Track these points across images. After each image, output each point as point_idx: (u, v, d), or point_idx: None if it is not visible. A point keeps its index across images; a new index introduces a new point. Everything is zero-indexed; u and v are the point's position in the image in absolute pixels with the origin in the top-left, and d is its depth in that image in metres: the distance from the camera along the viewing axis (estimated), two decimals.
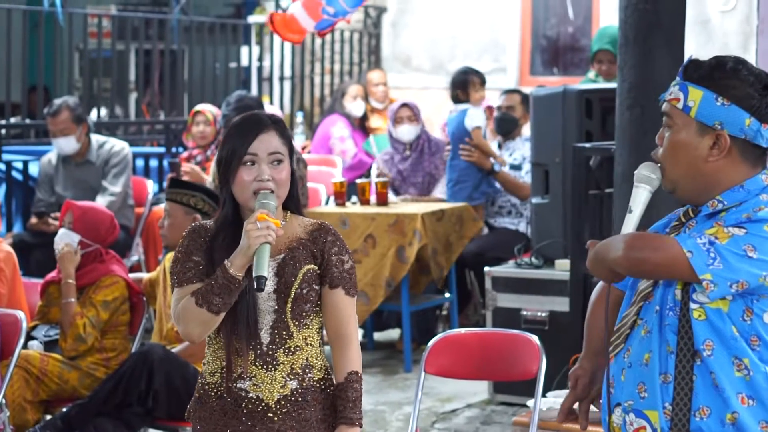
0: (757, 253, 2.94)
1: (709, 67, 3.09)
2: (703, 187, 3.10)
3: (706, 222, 3.09)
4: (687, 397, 3.01)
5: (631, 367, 3.10)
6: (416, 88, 12.60)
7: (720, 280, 2.94)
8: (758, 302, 3.00)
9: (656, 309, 3.08)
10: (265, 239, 3.42)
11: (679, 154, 3.10)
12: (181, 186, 5.82)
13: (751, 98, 3.05)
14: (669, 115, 3.12)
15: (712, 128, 3.06)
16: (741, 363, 3.00)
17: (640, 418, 3.07)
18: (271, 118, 3.61)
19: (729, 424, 3.00)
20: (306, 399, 3.57)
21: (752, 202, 3.05)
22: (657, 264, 2.98)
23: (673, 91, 3.12)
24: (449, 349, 5.03)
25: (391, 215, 7.89)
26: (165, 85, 11.12)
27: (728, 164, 3.08)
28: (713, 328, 3.00)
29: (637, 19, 5.82)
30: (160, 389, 5.45)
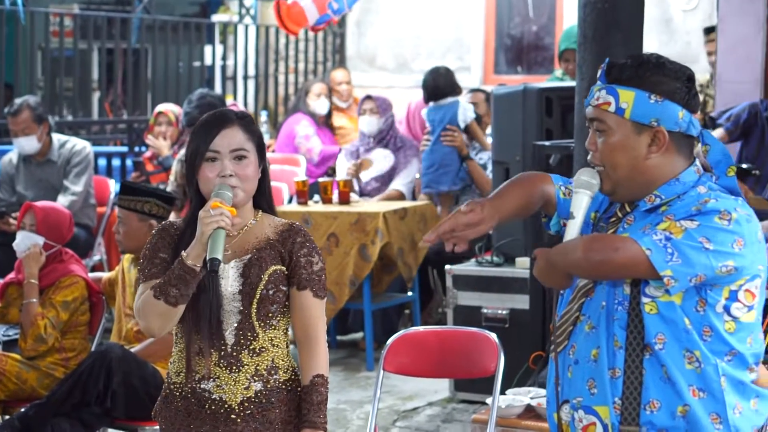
0: (712, 244, 2.96)
1: (634, 66, 3.10)
2: (643, 185, 3.12)
3: (646, 217, 3.10)
4: (637, 391, 3.03)
5: (578, 363, 3.11)
6: (381, 87, 12.60)
7: (680, 275, 2.96)
8: (711, 292, 3.02)
9: (602, 305, 3.09)
10: (218, 224, 3.40)
11: (619, 156, 3.11)
12: (133, 192, 5.80)
13: (679, 91, 3.10)
14: (600, 119, 3.12)
15: (649, 126, 3.09)
16: (692, 356, 3.02)
17: (589, 414, 3.09)
18: (237, 114, 3.60)
19: (680, 416, 3.02)
20: (270, 401, 3.56)
21: (693, 194, 3.08)
22: (618, 265, 2.99)
23: (600, 95, 3.12)
24: (408, 348, 5.03)
25: (353, 214, 7.90)
26: (128, 84, 11.08)
27: (666, 159, 3.11)
28: (665, 322, 3.02)
29: (596, 17, 5.84)
30: (118, 389, 5.43)
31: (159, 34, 11.13)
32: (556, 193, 3.31)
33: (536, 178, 3.32)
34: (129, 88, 11.09)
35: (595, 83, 3.21)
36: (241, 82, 12.20)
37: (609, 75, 3.12)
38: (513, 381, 5.85)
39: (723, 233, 2.98)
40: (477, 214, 3.18)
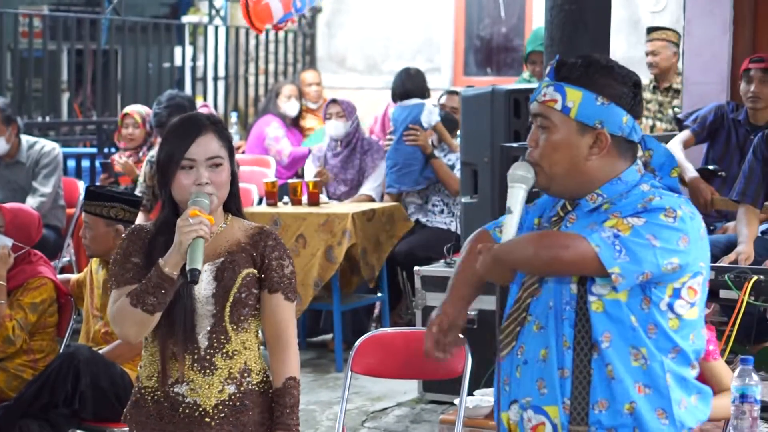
0: (658, 241, 2.98)
1: (583, 66, 3.11)
2: (580, 184, 3.13)
3: (589, 216, 3.12)
4: (585, 391, 3.04)
5: (527, 363, 3.12)
6: (351, 88, 12.62)
7: (628, 272, 2.97)
8: (655, 289, 3.03)
9: (549, 305, 3.10)
10: (197, 233, 3.40)
11: (559, 154, 3.11)
12: (99, 197, 5.79)
13: (625, 96, 3.11)
14: (545, 116, 3.12)
15: (593, 127, 3.10)
16: (638, 352, 3.04)
17: (539, 414, 3.10)
18: (210, 119, 3.59)
19: (627, 413, 3.04)
20: (244, 403, 3.57)
21: (637, 192, 3.10)
22: (568, 262, 2.99)
23: (547, 92, 3.12)
24: (376, 349, 5.04)
25: (322, 215, 7.90)
26: (97, 85, 11.05)
27: (607, 161, 3.12)
28: (612, 320, 3.04)
29: (563, 19, 5.88)
30: (87, 390, 5.42)
31: (129, 35, 11.10)
32: (493, 238, 3.32)
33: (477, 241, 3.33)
34: (98, 89, 11.07)
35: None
36: (211, 83, 12.18)
37: (558, 73, 3.13)
38: (481, 382, 5.87)
39: (669, 230, 3.00)
40: (447, 321, 3.26)
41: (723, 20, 8.06)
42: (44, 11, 11.49)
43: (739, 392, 3.73)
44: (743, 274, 5.48)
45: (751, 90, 7.09)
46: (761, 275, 5.48)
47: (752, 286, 5.43)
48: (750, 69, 7.11)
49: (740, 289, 5.43)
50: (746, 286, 5.41)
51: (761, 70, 7.07)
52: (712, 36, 8.03)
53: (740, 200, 6.18)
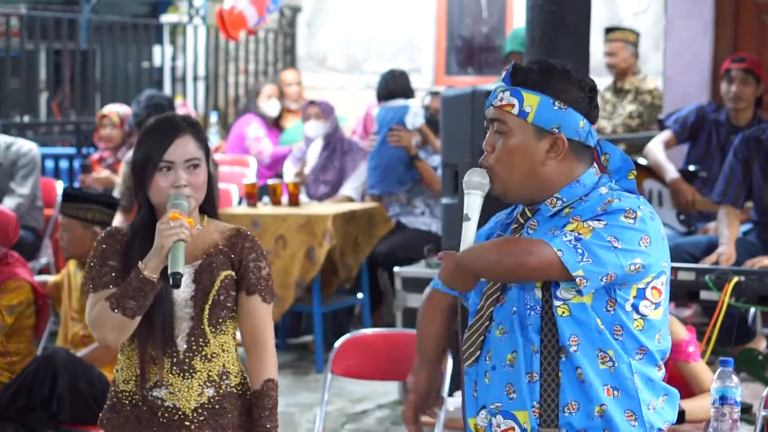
0: (620, 242, 2.98)
1: (540, 71, 3.11)
2: (538, 189, 3.12)
3: (550, 221, 3.11)
4: (554, 394, 3.05)
5: (495, 369, 3.11)
6: (332, 88, 12.59)
7: (591, 275, 2.97)
8: (620, 291, 3.04)
9: (513, 310, 3.10)
10: (178, 236, 3.39)
11: (516, 159, 3.10)
12: (76, 200, 5.75)
13: (582, 101, 3.11)
14: (502, 120, 3.11)
15: (550, 132, 3.09)
16: (606, 355, 3.04)
17: (508, 419, 3.09)
18: (187, 121, 3.58)
19: (597, 416, 3.05)
20: (223, 406, 3.56)
21: (596, 195, 3.10)
22: (533, 268, 2.98)
23: (503, 97, 3.11)
24: (356, 350, 5.04)
25: (302, 216, 7.88)
26: (76, 85, 11.00)
27: (564, 165, 3.12)
28: (578, 323, 3.04)
29: (543, 20, 5.86)
30: (64, 393, 5.39)
31: (107, 34, 11.05)
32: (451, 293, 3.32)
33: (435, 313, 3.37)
34: (77, 89, 11.01)
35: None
36: (191, 83, 12.14)
37: (514, 78, 3.12)
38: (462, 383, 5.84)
39: (630, 231, 3.00)
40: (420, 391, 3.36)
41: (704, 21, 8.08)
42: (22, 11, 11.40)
43: (719, 394, 3.72)
44: (724, 276, 5.49)
45: (732, 90, 7.10)
46: (742, 276, 5.48)
47: (733, 287, 5.43)
48: (731, 69, 7.11)
49: (721, 290, 5.43)
50: (727, 288, 5.42)
51: (742, 70, 7.07)
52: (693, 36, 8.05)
53: (721, 201, 6.18)
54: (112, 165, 8.85)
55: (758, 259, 5.75)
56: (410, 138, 8.54)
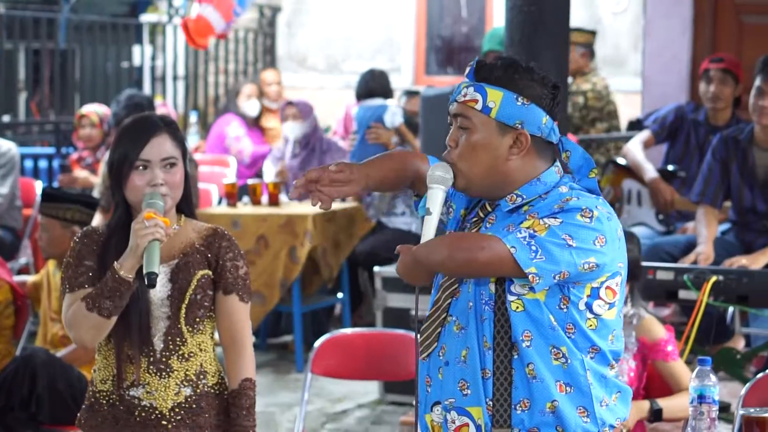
0: (575, 241, 2.99)
1: (504, 67, 3.11)
2: (499, 184, 3.12)
3: (508, 217, 3.12)
4: (507, 392, 3.05)
5: (448, 365, 3.11)
6: (312, 88, 12.60)
7: (544, 272, 2.97)
8: (574, 289, 3.04)
9: (469, 305, 3.09)
10: (153, 236, 3.39)
11: (480, 154, 3.10)
12: (55, 199, 5.73)
13: (545, 97, 3.12)
14: (465, 116, 3.11)
15: (513, 128, 3.09)
16: (558, 351, 3.05)
17: (462, 416, 3.09)
18: (163, 120, 3.58)
19: (549, 412, 3.05)
20: (200, 405, 3.56)
21: (555, 194, 3.10)
22: (484, 263, 2.99)
23: (467, 92, 3.10)
24: (336, 350, 5.04)
25: (282, 216, 7.88)
26: (55, 84, 10.97)
27: (526, 161, 3.12)
28: (531, 319, 3.04)
29: (522, 20, 5.87)
30: (43, 393, 5.38)
31: (87, 34, 11.02)
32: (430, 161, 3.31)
33: (411, 154, 3.35)
34: (56, 89, 10.98)
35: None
36: (171, 82, 12.12)
37: (478, 73, 3.12)
38: None
39: (585, 230, 3.01)
40: (345, 174, 3.19)
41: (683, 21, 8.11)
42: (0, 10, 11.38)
43: (698, 393, 3.73)
44: (702, 275, 5.50)
45: (711, 90, 7.12)
46: (720, 276, 5.50)
47: (711, 286, 5.45)
48: (710, 69, 7.13)
49: (699, 289, 5.45)
50: (705, 287, 5.43)
51: (721, 70, 7.10)
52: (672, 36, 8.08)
53: (699, 201, 6.20)
54: (92, 165, 8.83)
55: (736, 259, 5.77)
56: (389, 136, 8.55)
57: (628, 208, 7.26)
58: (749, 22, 8.17)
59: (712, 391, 3.72)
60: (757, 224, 6.13)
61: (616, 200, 7.36)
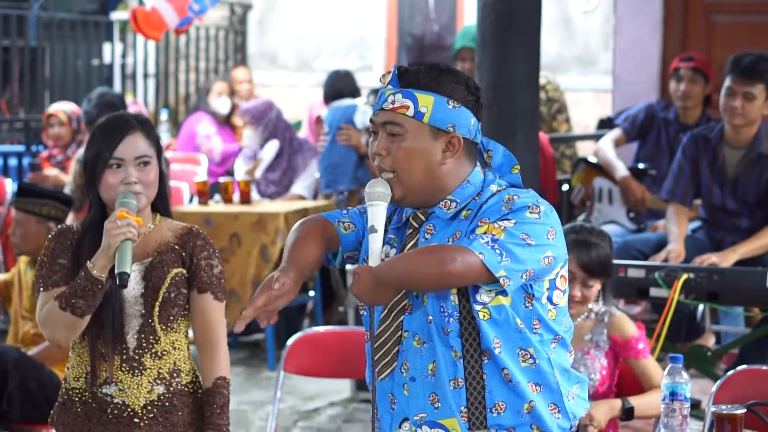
0: (532, 239, 3.01)
1: (429, 71, 3.11)
2: (434, 190, 3.12)
3: (449, 224, 3.11)
4: (481, 396, 3.06)
5: (414, 380, 3.09)
6: (282, 86, 12.58)
7: (512, 273, 2.98)
8: (536, 285, 3.07)
9: (428, 319, 3.07)
10: (125, 236, 3.40)
11: (415, 161, 3.10)
12: (31, 194, 5.71)
13: (470, 100, 3.13)
14: (396, 123, 3.10)
15: (445, 131, 3.10)
16: (526, 353, 3.07)
17: (435, 429, 3.08)
18: (137, 119, 3.59)
19: (525, 413, 3.08)
20: (173, 403, 3.57)
21: (489, 194, 3.10)
22: (458, 273, 2.97)
23: (395, 99, 3.10)
24: (309, 348, 5.03)
25: (254, 214, 7.87)
26: (25, 82, 10.92)
27: (458, 164, 3.13)
28: (498, 325, 3.05)
29: (494, 19, 5.89)
30: (14, 392, 5.35)
31: (57, 31, 10.98)
32: (337, 231, 3.24)
33: (318, 225, 3.24)
34: (26, 87, 10.93)
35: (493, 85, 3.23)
36: (141, 80, 12.09)
37: (403, 79, 3.11)
38: None
39: (537, 226, 3.03)
40: (287, 285, 3.08)
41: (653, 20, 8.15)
42: None
43: (669, 390, 3.75)
44: (674, 273, 5.53)
45: (681, 89, 7.16)
46: (691, 273, 5.53)
47: (682, 284, 5.48)
48: (680, 68, 7.17)
49: (670, 287, 5.48)
50: (676, 284, 5.46)
51: (691, 69, 7.13)
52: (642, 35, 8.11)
53: (669, 199, 6.22)
54: (62, 162, 8.79)
55: (707, 256, 5.80)
56: (359, 137, 8.55)
57: (599, 206, 7.29)
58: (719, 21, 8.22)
59: (684, 388, 3.74)
60: (727, 222, 6.16)
61: (587, 198, 7.39)
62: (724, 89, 5.98)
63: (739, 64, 5.92)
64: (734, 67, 5.94)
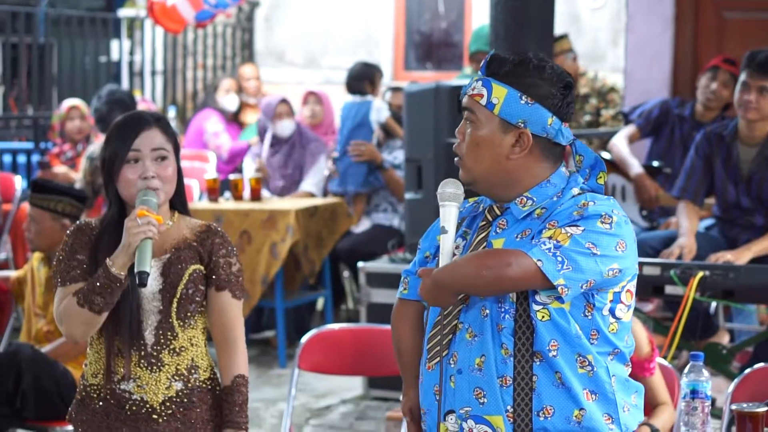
0: (598, 249, 2.97)
1: (513, 64, 3.07)
2: (504, 184, 3.10)
3: (521, 222, 3.09)
4: (528, 398, 3.02)
5: (461, 373, 3.07)
6: (290, 83, 12.56)
7: (572, 283, 2.95)
8: (598, 296, 3.03)
9: (484, 313, 3.06)
10: (146, 235, 3.40)
11: (481, 150, 3.09)
12: (46, 191, 5.70)
13: (553, 97, 3.07)
14: (471, 110, 3.10)
15: (515, 126, 3.07)
16: (584, 360, 3.03)
17: (481, 424, 3.05)
18: (154, 116, 3.60)
19: (575, 421, 3.03)
20: (191, 400, 3.57)
21: (569, 197, 3.08)
22: (513, 279, 2.95)
23: (476, 86, 3.09)
24: (323, 345, 5.03)
25: (265, 211, 7.86)
26: (33, 79, 10.91)
27: (530, 162, 3.09)
28: (557, 328, 3.01)
29: (507, 16, 5.88)
30: (29, 389, 5.34)
31: (65, 28, 10.96)
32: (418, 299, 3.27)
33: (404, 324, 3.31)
34: (34, 84, 10.93)
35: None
36: (149, 77, 12.07)
37: (489, 68, 3.10)
38: None
39: (607, 237, 2.98)
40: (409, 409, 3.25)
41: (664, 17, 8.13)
42: None
43: (690, 388, 3.74)
44: (689, 270, 5.51)
45: (713, 88, 7.11)
46: (707, 271, 5.51)
47: (698, 282, 5.46)
48: (719, 67, 7.11)
49: (686, 284, 5.46)
50: (692, 282, 5.44)
51: (729, 73, 7.09)
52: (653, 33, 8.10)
53: (680, 196, 6.20)
54: (72, 159, 8.78)
55: (721, 254, 5.78)
56: (372, 150, 8.50)
57: None
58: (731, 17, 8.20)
59: (705, 386, 3.73)
60: (741, 220, 6.14)
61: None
62: (739, 84, 5.96)
63: (754, 59, 5.91)
64: (749, 63, 5.93)
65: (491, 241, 3.10)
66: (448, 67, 12.36)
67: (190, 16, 8.54)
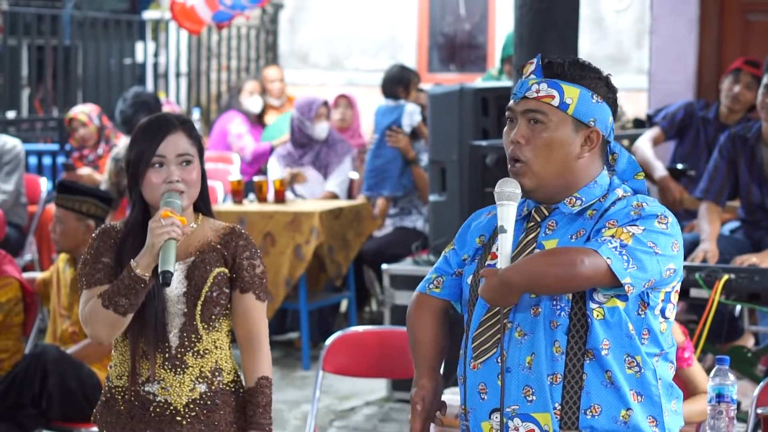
0: (659, 248, 2.98)
1: (574, 65, 3.10)
2: (565, 185, 3.11)
3: (573, 221, 3.10)
4: (576, 396, 3.02)
5: (510, 371, 3.06)
6: (314, 85, 12.59)
7: (637, 281, 2.96)
8: (652, 295, 3.04)
9: (535, 311, 3.06)
10: (169, 235, 3.40)
11: (554, 151, 3.09)
12: (71, 191, 5.73)
13: (610, 98, 3.13)
14: (541, 111, 3.08)
15: (587, 125, 3.09)
16: (633, 360, 3.04)
17: (527, 422, 3.05)
18: (179, 119, 3.60)
19: (621, 420, 3.03)
20: (215, 402, 3.57)
21: (616, 197, 3.09)
22: (586, 277, 2.95)
23: (540, 88, 3.08)
24: (347, 347, 5.03)
25: (289, 213, 7.87)
26: (58, 81, 10.96)
27: (591, 161, 3.12)
28: (610, 327, 3.02)
29: (532, 18, 5.88)
30: (54, 390, 5.37)
31: (90, 30, 11.01)
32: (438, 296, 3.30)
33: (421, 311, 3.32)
34: (59, 86, 10.97)
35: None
36: (173, 79, 12.11)
37: (548, 70, 3.10)
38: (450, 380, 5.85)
39: (664, 237, 3.00)
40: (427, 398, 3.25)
41: (689, 19, 8.10)
42: (4, 6, 11.37)
43: (716, 392, 3.73)
44: (714, 273, 5.50)
45: (736, 90, 7.07)
46: (732, 274, 5.49)
47: (723, 285, 5.44)
48: (742, 69, 7.08)
49: (711, 288, 5.44)
50: (717, 285, 5.42)
51: (752, 75, 7.05)
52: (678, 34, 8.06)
53: (703, 197, 6.19)
54: (94, 161, 8.81)
55: (746, 257, 5.76)
56: (407, 141, 8.51)
57: None
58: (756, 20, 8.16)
59: (731, 390, 3.72)
60: (766, 222, 6.12)
61: None
62: (762, 87, 5.94)
63: None
64: None
65: (542, 242, 3.10)
66: (472, 69, 12.36)
67: (207, 17, 8.57)
